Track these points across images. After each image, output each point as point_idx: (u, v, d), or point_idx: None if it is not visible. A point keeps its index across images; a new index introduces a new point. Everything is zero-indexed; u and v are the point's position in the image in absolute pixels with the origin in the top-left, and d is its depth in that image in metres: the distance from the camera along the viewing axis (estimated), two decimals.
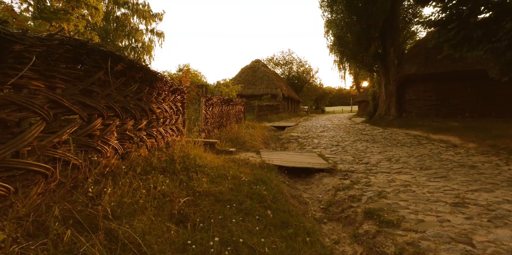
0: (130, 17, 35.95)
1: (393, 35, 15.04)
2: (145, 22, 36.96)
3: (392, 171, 5.48)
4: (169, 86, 4.79)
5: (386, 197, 3.97)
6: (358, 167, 5.89)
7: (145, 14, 36.39)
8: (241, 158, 5.93)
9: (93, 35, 23.28)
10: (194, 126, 6.79)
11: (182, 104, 5.95)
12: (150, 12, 36.90)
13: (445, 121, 13.43)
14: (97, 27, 30.15)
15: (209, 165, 4.20)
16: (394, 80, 15.28)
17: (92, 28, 27.82)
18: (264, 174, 4.54)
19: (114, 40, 34.45)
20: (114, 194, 2.31)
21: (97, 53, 2.47)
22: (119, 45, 34.88)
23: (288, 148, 9.09)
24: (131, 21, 36.07)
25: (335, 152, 7.77)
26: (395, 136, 11.01)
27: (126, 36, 35.98)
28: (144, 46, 37.61)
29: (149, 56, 37.46)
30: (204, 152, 5.50)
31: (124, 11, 36.06)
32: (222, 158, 5.48)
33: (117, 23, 35.68)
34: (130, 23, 36.02)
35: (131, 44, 37.25)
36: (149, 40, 37.77)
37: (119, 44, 35.24)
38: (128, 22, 35.68)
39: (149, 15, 36.51)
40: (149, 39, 37.76)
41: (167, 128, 4.91)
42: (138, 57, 36.86)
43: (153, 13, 37.12)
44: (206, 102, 8.12)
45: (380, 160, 6.51)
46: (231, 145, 7.54)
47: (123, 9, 35.95)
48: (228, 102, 11.16)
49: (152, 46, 37.86)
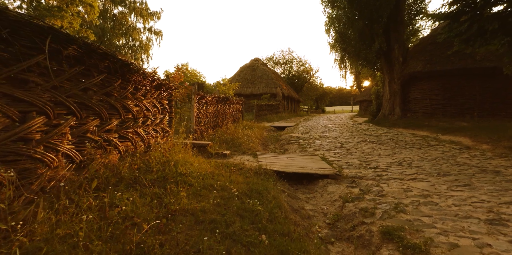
0: (127, 15, 35.37)
1: (398, 30, 14.38)
2: (142, 21, 36.41)
3: (406, 177, 4.84)
4: (150, 80, 4.15)
5: (405, 211, 3.32)
6: (366, 173, 5.24)
7: (142, 12, 35.81)
8: (235, 162, 5.29)
9: (88, 33, 22.56)
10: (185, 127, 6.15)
11: (170, 102, 5.31)
12: (147, 10, 36.33)
13: (452, 121, 12.80)
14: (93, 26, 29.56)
15: (195, 172, 3.55)
16: (399, 78, 14.63)
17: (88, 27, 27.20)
18: (260, 183, 3.89)
19: (111, 38, 33.85)
20: (47, 221, 1.67)
21: (30, 28, 1.82)
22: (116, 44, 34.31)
23: (288, 150, 8.45)
24: (128, 20, 35.51)
25: (339, 154, 7.13)
26: (401, 136, 10.36)
27: (123, 35, 35.41)
28: (142, 45, 37.05)
29: (146, 55, 36.85)
30: (193, 156, 4.86)
31: (121, 9, 35.45)
32: (213, 162, 4.84)
33: (114, 22, 35.11)
34: (127, 22, 35.46)
35: (128, 43, 36.70)
36: (146, 39, 37.22)
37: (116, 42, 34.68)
38: (125, 21, 35.11)
39: (146, 14, 35.94)
40: (147, 38, 37.19)
41: (149, 128, 4.26)
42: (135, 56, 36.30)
43: (151, 12, 36.54)
44: (199, 100, 7.48)
45: (390, 164, 5.87)
46: (225, 147, 6.90)
47: (120, 7, 35.32)
48: (225, 101, 10.52)
49: (150, 45, 37.29)
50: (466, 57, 13.19)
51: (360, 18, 13.80)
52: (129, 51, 35.58)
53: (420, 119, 13.83)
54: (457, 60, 13.34)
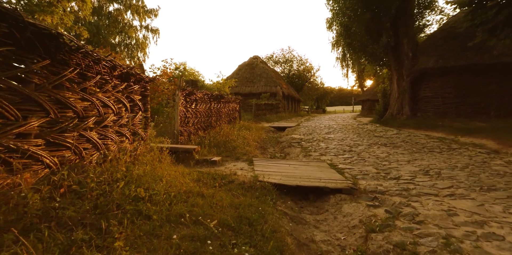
0: (123, 12, 34.40)
1: (407, 23, 13.35)
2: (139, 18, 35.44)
3: (441, 193, 3.81)
4: (108, 67, 3.12)
5: (463, 253, 2.30)
6: (388, 185, 4.21)
7: (139, 10, 34.81)
8: (225, 173, 4.26)
9: (81, 30, 21.55)
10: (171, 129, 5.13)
11: (144, 98, 4.28)
12: (144, 8, 35.35)
13: (468, 121, 11.76)
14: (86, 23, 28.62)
15: (161, 193, 2.52)
16: (408, 75, 13.59)
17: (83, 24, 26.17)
18: (254, 205, 2.86)
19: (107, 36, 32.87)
20: None
21: None
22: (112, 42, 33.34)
23: (289, 154, 7.42)
24: (124, 17, 34.53)
25: (350, 160, 6.09)
26: (415, 138, 9.33)
27: (119, 32, 34.48)
28: (138, 43, 36.06)
29: (143, 53, 35.87)
30: (171, 166, 3.84)
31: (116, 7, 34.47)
32: (195, 174, 3.81)
33: (109, 19, 34.16)
34: (123, 19, 34.49)
35: (124, 41, 35.78)
36: (143, 37, 36.27)
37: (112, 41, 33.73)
38: (121, 18, 34.14)
39: (143, 11, 34.94)
40: (144, 36, 36.25)
41: (108, 131, 3.23)
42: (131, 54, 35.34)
43: (148, 9, 35.54)
44: (186, 97, 6.44)
45: (414, 173, 4.84)
46: (216, 151, 5.87)
47: (116, 4, 34.30)
48: (219, 99, 9.49)
49: (147, 43, 36.31)
50: (482, 52, 12.16)
51: (367, 10, 12.78)
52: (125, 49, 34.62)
53: (431, 119, 12.79)
54: (472, 55, 12.32)
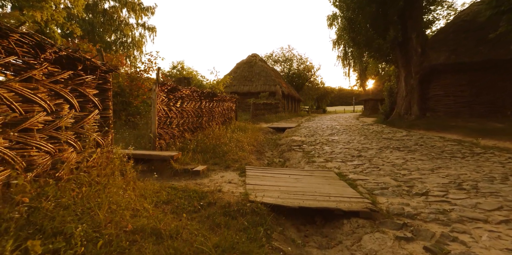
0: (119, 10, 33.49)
1: (415, 16, 12.41)
2: (135, 16, 34.49)
3: (491, 218, 2.86)
4: (32, 46, 2.17)
5: None
6: (416, 205, 3.27)
7: (135, 7, 33.86)
8: (208, 188, 3.32)
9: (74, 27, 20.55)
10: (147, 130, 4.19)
11: (103, 93, 3.34)
12: (140, 5, 34.43)
13: (483, 122, 10.83)
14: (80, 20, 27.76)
15: (79, 243, 1.56)
16: (417, 72, 12.65)
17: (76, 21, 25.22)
18: (238, 246, 1.92)
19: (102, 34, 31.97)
20: None
21: None
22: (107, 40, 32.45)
23: (289, 159, 6.47)
24: (120, 15, 33.64)
25: (361, 168, 5.15)
26: (429, 141, 8.39)
27: (114, 30, 33.61)
28: (134, 41, 35.12)
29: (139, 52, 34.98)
30: (137, 181, 2.90)
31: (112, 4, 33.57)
32: (165, 193, 2.86)
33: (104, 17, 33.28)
34: (119, 17, 33.59)
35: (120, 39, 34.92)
36: (140, 35, 35.38)
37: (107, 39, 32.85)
38: (117, 16, 33.25)
39: (139, 8, 34.01)
40: (140, 34, 35.35)
41: (31, 137, 2.28)
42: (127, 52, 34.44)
43: (144, 7, 34.60)
44: (169, 93, 5.49)
45: (444, 187, 3.89)
46: (202, 158, 4.92)
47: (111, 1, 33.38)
48: (211, 97, 8.54)
49: (143, 42, 35.40)
50: (497, 47, 11.22)
51: (373, 2, 11.84)
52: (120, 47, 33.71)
53: (443, 120, 11.84)
54: (487, 51, 11.38)
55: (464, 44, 12.07)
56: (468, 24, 12.69)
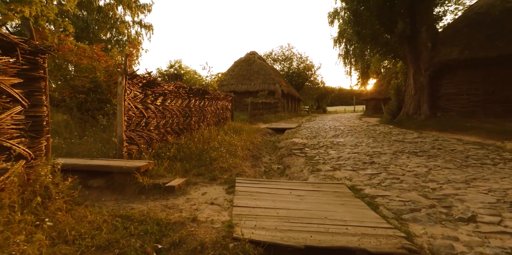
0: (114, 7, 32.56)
1: (425, 8, 11.49)
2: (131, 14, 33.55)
3: None
4: None
5: None
6: (469, 239, 2.34)
7: (131, 4, 32.90)
8: (177, 216, 2.39)
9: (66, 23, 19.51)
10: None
11: (34, 83, 2.40)
12: (137, 2, 33.50)
13: (501, 122, 9.91)
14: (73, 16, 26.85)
15: None
16: (427, 68, 11.73)
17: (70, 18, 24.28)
18: None
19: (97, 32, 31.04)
20: None
21: None
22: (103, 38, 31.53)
23: (290, 166, 5.54)
24: (116, 12, 32.74)
25: (378, 179, 4.21)
26: (446, 143, 7.47)
27: (110, 28, 32.74)
28: (130, 39, 34.20)
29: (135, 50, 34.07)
30: (78, 206, 1.98)
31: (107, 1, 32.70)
32: (109, 225, 1.94)
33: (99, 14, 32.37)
34: (115, 14, 32.70)
35: (115, 37, 34.06)
36: (136, 33, 34.49)
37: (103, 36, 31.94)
38: (112, 13, 32.35)
39: (135, 6, 33.06)
40: (136, 32, 34.47)
41: None
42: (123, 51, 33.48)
43: (141, 4, 33.65)
44: (145, 88, 4.55)
45: (494, 208, 2.97)
46: (182, 168, 3.98)
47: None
48: (202, 94, 7.61)
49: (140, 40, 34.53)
50: None
51: None
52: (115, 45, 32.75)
53: (456, 120, 10.92)
54: (504, 45, 10.46)
55: (478, 38, 11.15)
56: (482, 17, 11.78)
